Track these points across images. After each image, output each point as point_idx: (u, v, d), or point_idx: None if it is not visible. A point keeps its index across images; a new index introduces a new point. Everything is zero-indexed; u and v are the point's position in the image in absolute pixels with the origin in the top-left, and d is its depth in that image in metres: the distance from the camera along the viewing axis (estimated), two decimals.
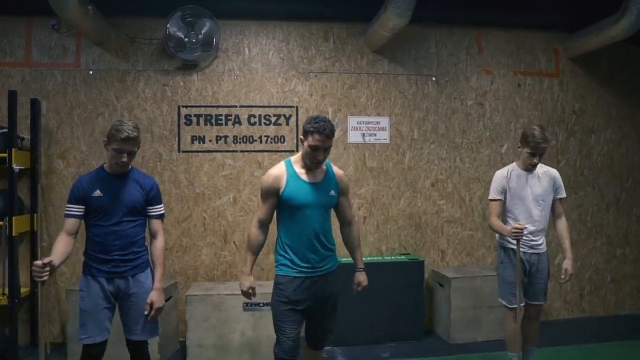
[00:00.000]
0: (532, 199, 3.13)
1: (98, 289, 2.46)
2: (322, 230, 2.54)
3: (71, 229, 2.45)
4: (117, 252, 2.46)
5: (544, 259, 3.21)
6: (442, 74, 4.54)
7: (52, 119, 4.10)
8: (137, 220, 2.55)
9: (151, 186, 2.59)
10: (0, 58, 4.06)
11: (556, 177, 3.23)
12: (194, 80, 4.27)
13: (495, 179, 3.23)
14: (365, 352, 3.90)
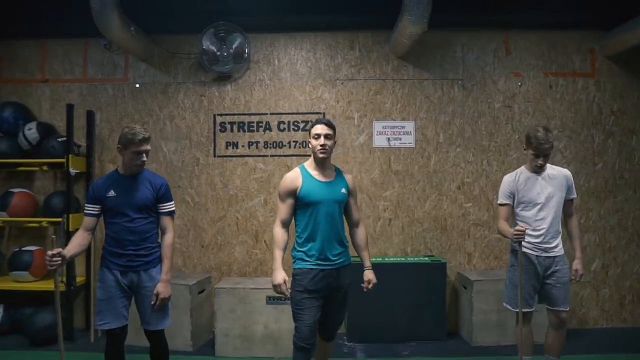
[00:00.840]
0: (543, 200, 3.08)
1: (113, 281, 2.73)
2: (336, 226, 2.76)
3: (88, 226, 2.76)
4: (131, 247, 2.72)
5: (561, 262, 3.09)
6: (469, 77, 4.57)
7: (105, 128, 4.60)
8: (150, 217, 2.80)
9: (161, 185, 2.83)
10: (62, 75, 4.64)
11: (567, 177, 3.16)
12: (228, 90, 4.62)
13: (503, 183, 3.22)
14: (385, 349, 4.01)
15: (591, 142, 4.56)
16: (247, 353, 3.86)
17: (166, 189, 2.87)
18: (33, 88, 4.64)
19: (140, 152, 2.71)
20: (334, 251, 2.74)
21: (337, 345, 4.03)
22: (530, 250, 3.08)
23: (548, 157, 3.06)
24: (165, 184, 2.89)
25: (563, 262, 3.11)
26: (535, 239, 3.06)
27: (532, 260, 3.07)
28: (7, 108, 4.36)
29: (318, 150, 2.73)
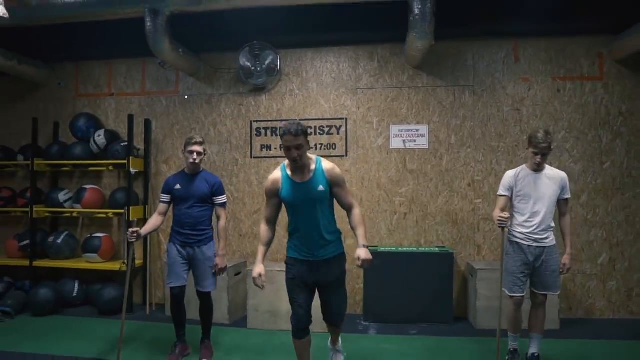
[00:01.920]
0: (538, 197, 3.42)
1: (175, 251, 3.60)
2: (316, 223, 2.93)
3: (161, 211, 3.65)
4: (188, 228, 3.55)
5: (551, 252, 3.42)
6: (479, 83, 4.96)
7: (159, 134, 5.40)
8: (205, 206, 3.62)
9: (214, 182, 3.65)
10: (125, 89, 5.49)
11: (563, 178, 3.48)
12: (263, 99, 5.27)
13: (505, 177, 3.58)
14: (396, 328, 4.48)
15: (599, 142, 4.82)
16: (273, 327, 4.48)
17: (219, 186, 3.66)
18: (102, 101, 5.54)
19: (192, 152, 3.53)
20: (316, 246, 2.95)
21: (353, 324, 4.62)
22: (522, 240, 3.44)
23: (546, 157, 3.40)
24: (218, 182, 3.67)
25: (553, 252, 3.44)
26: (528, 230, 3.42)
27: (524, 249, 3.42)
28: (81, 118, 5.27)
29: (292, 162, 2.84)
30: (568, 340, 4.12)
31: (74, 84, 5.60)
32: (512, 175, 3.56)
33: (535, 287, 3.49)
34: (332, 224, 3.04)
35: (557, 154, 4.84)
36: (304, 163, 2.88)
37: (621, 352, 3.88)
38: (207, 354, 3.71)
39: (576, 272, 4.81)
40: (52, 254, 5.14)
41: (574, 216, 4.81)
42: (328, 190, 2.94)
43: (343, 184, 3.01)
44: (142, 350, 3.91)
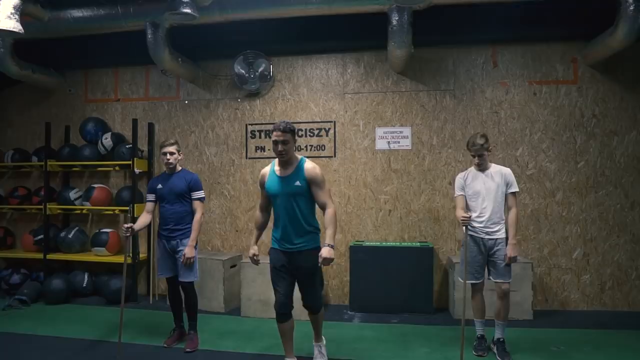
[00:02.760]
0: (484, 193, 3.73)
1: (162, 246, 3.92)
2: (293, 215, 3.23)
3: (148, 209, 3.96)
4: (172, 223, 3.86)
5: (502, 244, 3.71)
6: (459, 88, 5.25)
7: (162, 136, 5.78)
8: (184, 202, 3.89)
9: (191, 179, 3.92)
10: (130, 95, 5.91)
11: (507, 174, 3.78)
12: (257, 104, 5.63)
13: (456, 179, 3.94)
14: (379, 317, 4.81)
15: (573, 143, 5.08)
16: (264, 315, 4.82)
17: (195, 182, 3.92)
18: (109, 106, 5.96)
19: (165, 154, 3.88)
20: (292, 237, 3.25)
21: (340, 313, 4.96)
22: (476, 233, 3.74)
23: (482, 157, 3.73)
24: (195, 178, 3.95)
25: (504, 243, 3.73)
26: (479, 224, 3.73)
27: (477, 241, 3.74)
28: (90, 122, 5.69)
29: (278, 155, 3.22)
30: (540, 329, 4.39)
31: (83, 90, 6.04)
32: (461, 177, 3.91)
33: (492, 276, 3.77)
34: (308, 219, 3.30)
35: (534, 154, 5.12)
36: (289, 158, 3.24)
37: (590, 339, 4.13)
38: (190, 344, 3.93)
39: (552, 266, 5.09)
40: (64, 248, 5.58)
41: (550, 213, 5.09)
42: (305, 187, 3.24)
43: (321, 185, 3.28)
44: (143, 334, 4.29)
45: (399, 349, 3.95)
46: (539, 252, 5.11)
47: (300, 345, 3.76)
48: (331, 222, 3.21)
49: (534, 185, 5.13)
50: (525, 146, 5.14)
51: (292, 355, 3.47)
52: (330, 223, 3.21)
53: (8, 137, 6.17)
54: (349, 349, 3.95)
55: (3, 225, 6.08)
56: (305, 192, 3.26)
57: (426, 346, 4.01)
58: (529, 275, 4.71)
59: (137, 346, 4.00)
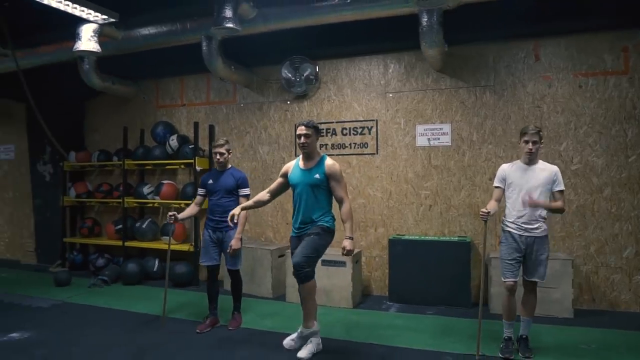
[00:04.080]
0: (527, 188, 3.63)
1: (208, 235, 4.34)
2: (307, 205, 3.65)
3: (197, 202, 4.47)
4: (218, 215, 4.28)
5: (541, 242, 3.64)
6: (500, 83, 5.24)
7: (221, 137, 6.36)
8: (231, 197, 4.31)
9: (239, 177, 4.33)
10: (194, 100, 6.59)
11: (554, 172, 3.70)
12: (305, 105, 6.02)
13: (499, 169, 3.87)
14: (416, 309, 4.97)
15: (623, 136, 4.87)
16: None
17: (243, 180, 4.32)
18: (176, 110, 6.68)
19: (216, 154, 4.31)
20: (307, 221, 3.66)
21: (379, 303, 5.20)
22: (514, 229, 3.70)
23: (536, 145, 3.65)
24: (243, 176, 4.35)
25: (543, 242, 3.67)
26: (519, 219, 3.68)
27: (515, 238, 3.68)
28: (160, 125, 6.44)
29: (300, 147, 3.66)
30: (578, 328, 4.31)
31: (155, 97, 6.82)
32: (505, 168, 3.85)
33: (524, 273, 3.75)
34: (323, 209, 3.67)
35: (579, 148, 4.98)
36: (311, 151, 3.66)
37: (628, 341, 3.99)
38: (233, 323, 4.37)
39: (600, 264, 4.93)
40: (139, 237, 6.37)
41: (597, 209, 4.94)
42: (324, 180, 3.62)
43: (339, 180, 3.64)
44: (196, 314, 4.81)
45: (426, 337, 4.12)
46: (585, 250, 4.97)
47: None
48: (348, 216, 3.61)
49: (579, 181, 4.99)
50: (569, 140, 5.01)
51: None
52: (347, 217, 3.61)
53: (95, 140, 7.15)
54: (377, 334, 4.20)
55: (92, 216, 7.05)
56: (323, 184, 3.64)
57: (452, 337, 4.14)
58: (569, 272, 4.63)
59: (186, 322, 4.55)
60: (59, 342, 4.00)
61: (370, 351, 3.83)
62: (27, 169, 7.28)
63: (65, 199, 6.81)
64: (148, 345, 3.95)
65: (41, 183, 7.09)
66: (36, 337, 4.12)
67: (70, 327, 4.39)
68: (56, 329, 4.32)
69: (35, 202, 7.15)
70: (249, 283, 5.39)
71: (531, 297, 3.79)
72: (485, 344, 3.81)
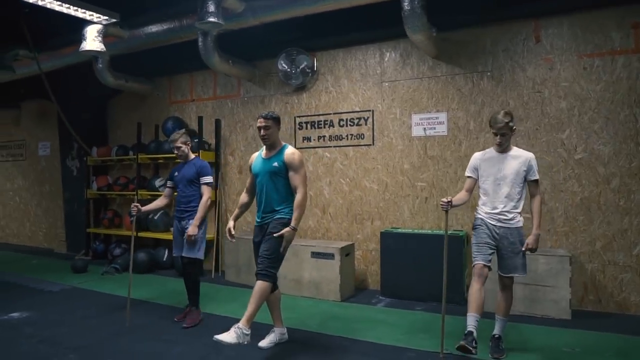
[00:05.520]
0: (500, 177, 3.47)
1: (176, 226, 4.39)
2: (267, 194, 3.56)
3: (165, 194, 4.50)
4: (182, 205, 4.33)
5: (514, 234, 3.45)
6: (498, 68, 4.93)
7: (226, 131, 6.52)
8: (194, 187, 4.31)
9: (200, 165, 4.35)
10: (202, 95, 6.77)
11: (529, 158, 3.48)
12: (304, 97, 6.00)
13: (472, 158, 3.71)
14: (406, 304, 4.83)
15: (633, 122, 4.42)
16: (297, 292, 5.20)
17: (203, 168, 4.34)
18: (186, 106, 6.91)
19: (173, 147, 4.39)
20: (267, 210, 3.58)
21: (371, 297, 5.09)
22: (487, 218, 3.52)
23: (505, 137, 3.46)
24: (203, 165, 4.37)
25: (517, 234, 3.45)
26: (491, 210, 3.50)
27: (489, 226, 3.49)
28: (170, 120, 6.69)
29: (261, 139, 3.62)
30: (572, 330, 3.98)
31: (168, 93, 7.09)
32: (477, 157, 3.67)
33: (500, 269, 3.53)
34: (283, 198, 3.57)
35: (584, 136, 4.59)
36: (272, 142, 3.62)
37: (621, 346, 3.66)
38: (189, 320, 4.19)
39: (607, 262, 4.52)
40: (152, 228, 6.66)
41: (603, 202, 4.53)
42: (282, 168, 3.56)
43: (297, 169, 3.56)
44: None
45: (398, 333, 4.00)
46: (590, 246, 4.57)
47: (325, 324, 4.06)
48: (298, 206, 3.50)
49: (584, 171, 4.60)
50: (573, 128, 4.63)
51: (280, 324, 3.80)
52: (297, 207, 3.50)
53: (117, 136, 7.57)
54: (350, 328, 4.13)
55: (113, 208, 7.46)
56: (282, 172, 3.57)
57: (428, 334, 3.97)
58: (567, 270, 4.29)
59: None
60: (49, 322, 4.29)
61: (332, 343, 3.77)
62: (59, 164, 7.84)
63: (88, 192, 7.28)
64: (136, 326, 4.14)
65: (70, 177, 7.61)
66: (32, 317, 4.44)
67: (66, 310, 4.68)
68: (53, 311, 4.63)
69: (65, 195, 7.68)
70: (247, 274, 5.49)
71: (506, 294, 3.56)
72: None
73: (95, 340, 3.82)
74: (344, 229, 5.74)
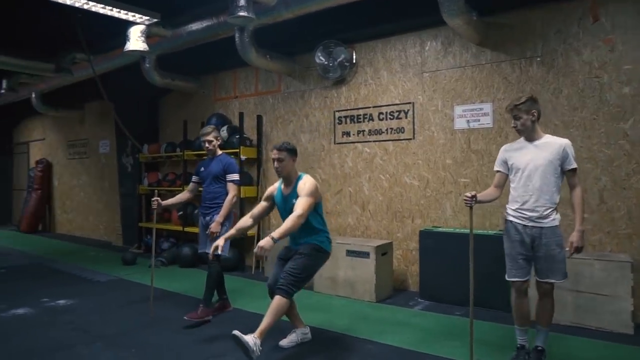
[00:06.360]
0: (531, 168, 3.10)
1: (200, 222, 4.38)
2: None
3: (190, 189, 4.49)
4: (207, 201, 4.33)
5: (549, 234, 3.06)
6: (549, 53, 4.47)
7: (267, 126, 6.49)
8: (220, 184, 4.29)
9: (227, 162, 4.31)
10: (244, 92, 6.79)
11: (563, 147, 3.07)
12: (343, 91, 5.82)
13: (500, 150, 3.36)
14: (443, 308, 4.53)
15: None
16: (332, 291, 5.06)
17: (229, 165, 4.31)
18: (230, 102, 6.98)
19: (204, 142, 4.35)
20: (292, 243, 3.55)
21: (409, 299, 4.85)
22: (516, 219, 3.17)
23: (520, 120, 3.12)
24: (230, 162, 4.35)
25: (552, 233, 3.07)
26: (521, 206, 3.14)
27: (519, 229, 3.15)
28: (213, 117, 6.78)
29: (275, 170, 3.51)
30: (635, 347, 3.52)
31: (213, 91, 7.19)
32: (504, 148, 3.33)
33: (537, 273, 3.16)
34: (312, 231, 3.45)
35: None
36: (286, 174, 3.50)
37: None
38: (192, 314, 4.06)
39: None
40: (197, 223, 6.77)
41: None
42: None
43: (303, 194, 3.36)
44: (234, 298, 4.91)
45: (429, 338, 3.74)
46: None
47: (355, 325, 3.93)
48: (287, 223, 3.24)
49: None
50: (637, 116, 4.09)
51: (301, 324, 3.70)
52: (286, 223, 3.24)
53: (167, 134, 7.81)
54: (377, 330, 3.93)
55: None
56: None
57: (461, 341, 3.68)
58: (628, 277, 3.80)
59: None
60: (86, 310, 4.48)
61: (354, 346, 3.59)
62: (116, 161, 8.23)
63: (140, 188, 7.57)
64: (160, 318, 4.21)
65: (125, 173, 7.97)
66: (74, 305, 4.67)
67: (105, 299, 4.87)
68: (93, 300, 4.84)
69: (121, 191, 8.06)
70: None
71: (545, 302, 3.18)
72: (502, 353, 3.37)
73: (120, 330, 3.92)
74: (383, 227, 5.51)
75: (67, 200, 10.34)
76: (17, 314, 4.38)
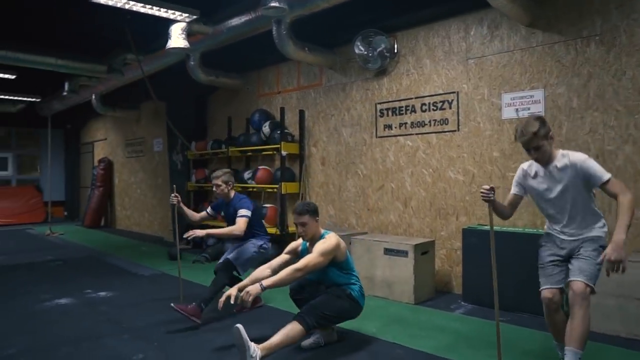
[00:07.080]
0: (553, 196, 2.79)
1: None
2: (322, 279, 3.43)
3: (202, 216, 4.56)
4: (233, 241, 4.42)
5: (588, 242, 2.74)
6: (609, 31, 3.99)
7: (310, 121, 6.37)
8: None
9: (237, 204, 4.27)
10: (287, 87, 6.71)
11: (579, 164, 2.68)
12: (384, 82, 5.57)
13: (518, 170, 3.01)
14: (486, 312, 4.17)
15: None
16: (369, 292, 4.77)
17: (239, 202, 4.27)
18: (273, 98, 6.93)
19: (213, 185, 4.36)
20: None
21: (451, 302, 4.55)
22: (556, 234, 2.87)
23: (540, 150, 2.72)
24: (240, 200, 4.29)
25: (592, 242, 2.73)
26: (559, 229, 2.85)
27: (556, 241, 2.86)
28: (256, 113, 6.76)
29: (298, 235, 3.43)
30: None
31: (257, 87, 7.18)
32: (522, 169, 2.97)
33: (569, 274, 2.75)
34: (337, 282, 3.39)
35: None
36: (310, 237, 3.40)
37: None
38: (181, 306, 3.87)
39: None
40: None
41: None
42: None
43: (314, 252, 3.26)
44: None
45: (462, 345, 3.44)
46: None
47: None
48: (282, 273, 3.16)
49: None
50: None
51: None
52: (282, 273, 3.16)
53: (214, 131, 7.91)
54: (409, 334, 3.68)
55: (210, 200, 7.80)
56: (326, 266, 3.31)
57: (493, 350, 3.33)
58: None
59: None
60: (123, 303, 4.57)
61: (381, 351, 3.36)
62: (168, 158, 8.46)
63: (188, 184, 7.72)
64: None
65: (175, 170, 8.17)
66: (113, 297, 4.79)
67: (143, 293, 4.97)
68: (132, 293, 4.95)
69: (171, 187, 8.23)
70: None
71: (575, 314, 2.60)
72: None
73: (148, 324, 3.94)
74: (426, 225, 5.21)
75: (126, 197, 10.83)
76: (60, 303, 4.56)
